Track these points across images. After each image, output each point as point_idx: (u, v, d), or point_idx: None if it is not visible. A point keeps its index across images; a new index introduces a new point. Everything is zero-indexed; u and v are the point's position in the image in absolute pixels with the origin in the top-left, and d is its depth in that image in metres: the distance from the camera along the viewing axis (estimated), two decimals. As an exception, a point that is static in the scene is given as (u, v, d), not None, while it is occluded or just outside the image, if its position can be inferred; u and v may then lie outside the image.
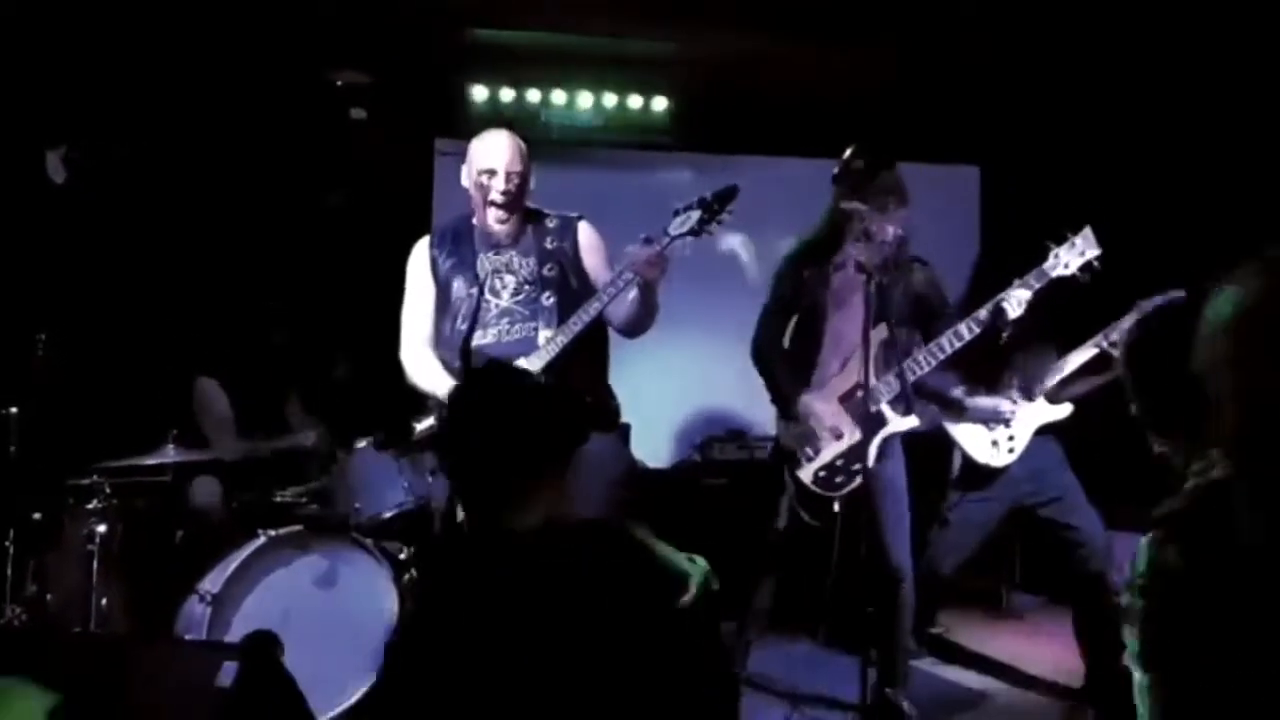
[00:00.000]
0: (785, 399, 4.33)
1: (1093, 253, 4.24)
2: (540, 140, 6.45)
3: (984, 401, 4.71)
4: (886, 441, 4.24)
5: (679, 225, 3.56)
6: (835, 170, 4.02)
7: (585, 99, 6.62)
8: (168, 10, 5.43)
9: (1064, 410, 4.69)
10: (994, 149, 7.04)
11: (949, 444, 4.85)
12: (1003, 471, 4.71)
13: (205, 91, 6.00)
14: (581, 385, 3.76)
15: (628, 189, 6.53)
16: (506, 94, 6.56)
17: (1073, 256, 4.22)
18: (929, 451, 5.08)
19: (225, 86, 6.02)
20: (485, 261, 3.87)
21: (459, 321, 3.83)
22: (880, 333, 4.12)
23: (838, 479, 4.23)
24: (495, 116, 6.46)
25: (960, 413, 4.74)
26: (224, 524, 4.55)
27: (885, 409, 4.22)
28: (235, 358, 5.04)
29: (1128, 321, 4.62)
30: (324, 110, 6.45)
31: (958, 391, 4.75)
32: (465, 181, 3.89)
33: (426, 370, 3.89)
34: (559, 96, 6.61)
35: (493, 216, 3.82)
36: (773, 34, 5.83)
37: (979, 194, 7.33)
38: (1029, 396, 4.69)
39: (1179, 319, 1.80)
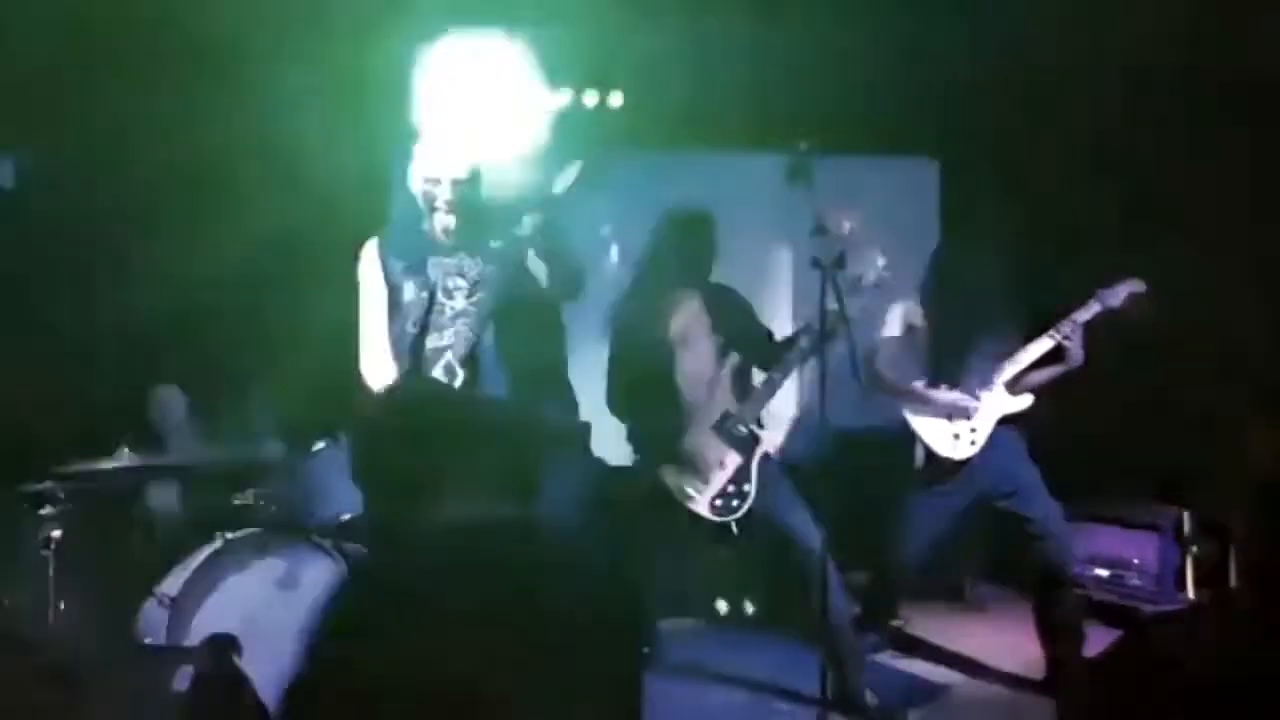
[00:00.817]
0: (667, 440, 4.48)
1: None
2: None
3: (945, 395, 4.73)
4: (764, 457, 4.47)
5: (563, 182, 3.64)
6: (789, 164, 4.01)
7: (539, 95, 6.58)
8: (120, 14, 5.38)
9: (1024, 401, 4.73)
10: (954, 141, 7.06)
11: (911, 437, 4.86)
12: (964, 464, 4.73)
13: (159, 93, 5.93)
14: (532, 372, 3.80)
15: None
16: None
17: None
18: (891, 445, 5.11)
19: (180, 87, 5.96)
20: (437, 266, 3.83)
21: (409, 325, 3.79)
22: (733, 359, 4.48)
23: (733, 503, 4.42)
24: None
25: (922, 406, 4.77)
26: (182, 527, 4.52)
27: (755, 429, 4.46)
28: (197, 364, 5.00)
29: (1085, 313, 4.67)
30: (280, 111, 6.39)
31: (919, 385, 4.78)
32: (411, 187, 3.83)
33: (384, 375, 3.84)
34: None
35: (439, 225, 3.78)
36: (723, 27, 5.82)
37: (939, 186, 7.35)
38: (988, 386, 4.71)
39: None
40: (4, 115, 5.42)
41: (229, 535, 4.16)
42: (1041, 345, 4.71)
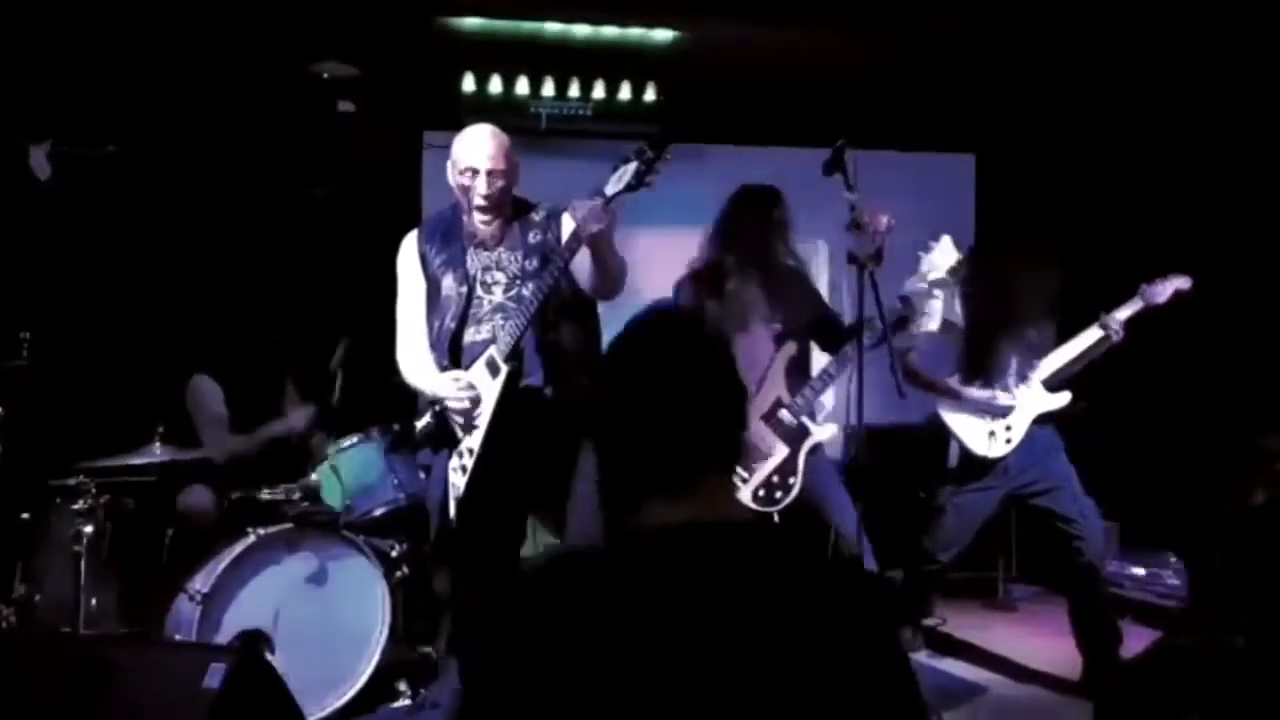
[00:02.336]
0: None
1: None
2: (530, 131, 6.46)
3: (980, 393, 4.68)
4: (811, 450, 4.44)
5: (616, 181, 3.48)
6: (826, 160, 3.97)
7: (574, 89, 6.56)
8: (156, 4, 5.38)
9: (1062, 399, 4.67)
10: (990, 137, 7.01)
11: (946, 435, 4.81)
12: (1000, 462, 4.68)
13: (193, 86, 5.95)
14: (573, 364, 3.73)
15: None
16: (495, 84, 6.50)
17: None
18: (925, 442, 5.07)
19: (213, 80, 5.97)
20: (475, 259, 3.80)
21: (448, 319, 3.77)
22: (789, 349, 4.44)
23: (776, 494, 4.40)
24: (484, 107, 6.42)
25: (957, 402, 4.72)
26: (214, 523, 4.52)
27: (805, 421, 4.44)
28: (231, 355, 4.99)
29: (1128, 309, 4.61)
30: (312, 103, 6.40)
31: (954, 382, 4.73)
32: (450, 180, 3.81)
33: (421, 370, 3.83)
34: (549, 87, 6.54)
35: (477, 219, 3.75)
36: (764, 21, 5.78)
37: (974, 182, 7.30)
38: (1024, 382, 4.65)
39: None
40: (40, 105, 5.43)
41: (261, 531, 4.16)
42: (1084, 340, 4.65)
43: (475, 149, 3.73)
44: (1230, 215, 5.78)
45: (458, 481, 3.67)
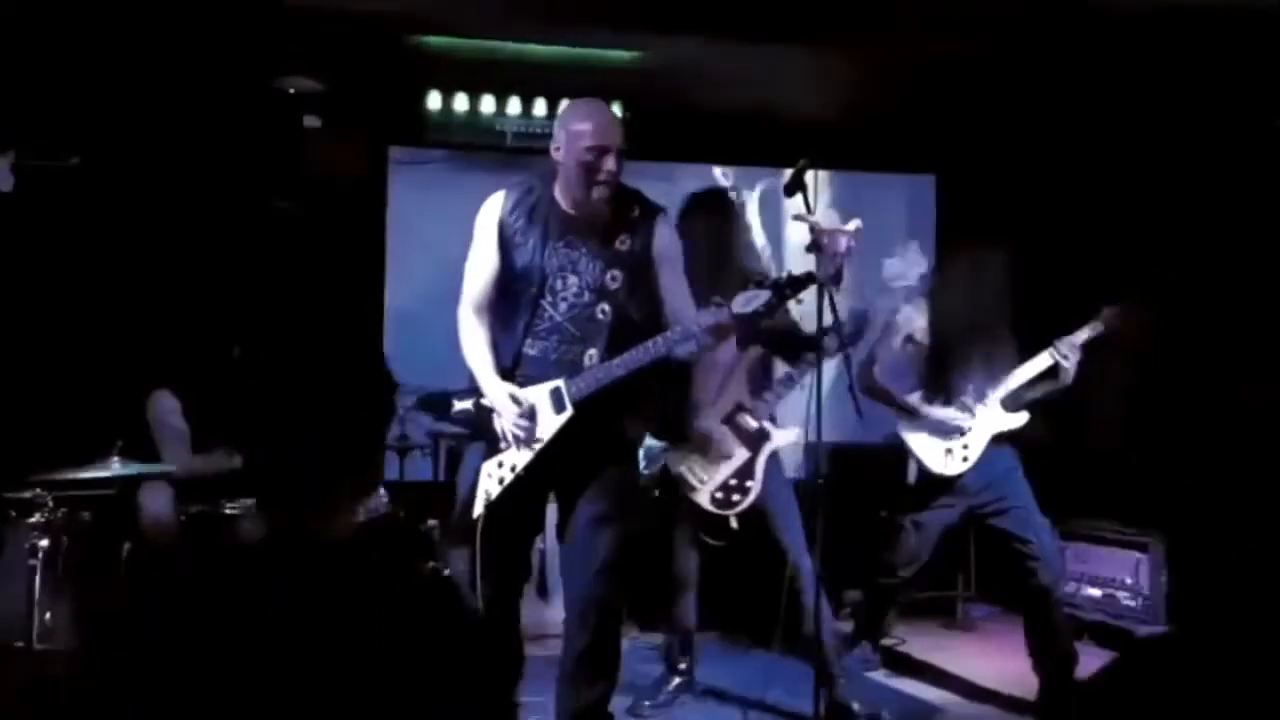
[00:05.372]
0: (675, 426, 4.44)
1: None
2: (495, 148, 6.48)
3: (939, 410, 4.72)
4: (771, 456, 4.49)
5: (744, 304, 3.35)
6: (786, 180, 3.99)
7: (540, 107, 6.58)
8: (120, 17, 5.35)
9: (1019, 418, 4.70)
10: (951, 158, 7.08)
11: (904, 452, 4.85)
12: (957, 480, 4.72)
13: (158, 99, 5.93)
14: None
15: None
16: (461, 102, 6.51)
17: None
18: (886, 461, 5.10)
19: (178, 93, 5.95)
20: (554, 255, 3.54)
21: (517, 322, 3.55)
22: (752, 353, 4.49)
23: (734, 497, 4.45)
24: (449, 124, 6.44)
25: (916, 419, 4.75)
26: (173, 537, 4.48)
27: (766, 425, 4.50)
28: (191, 369, 4.96)
29: (1085, 332, 4.65)
30: (277, 118, 6.39)
31: (913, 399, 4.76)
32: (561, 155, 3.53)
33: (473, 345, 3.61)
34: (514, 105, 6.56)
35: (598, 195, 3.48)
36: (728, 41, 5.82)
37: (935, 202, 7.36)
38: (983, 401, 4.69)
39: None
40: (3, 116, 5.40)
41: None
42: (1039, 363, 4.68)
43: (608, 125, 3.52)
44: (1190, 236, 5.85)
45: (491, 489, 3.52)
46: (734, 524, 4.45)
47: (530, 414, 3.46)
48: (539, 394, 3.48)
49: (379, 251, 6.60)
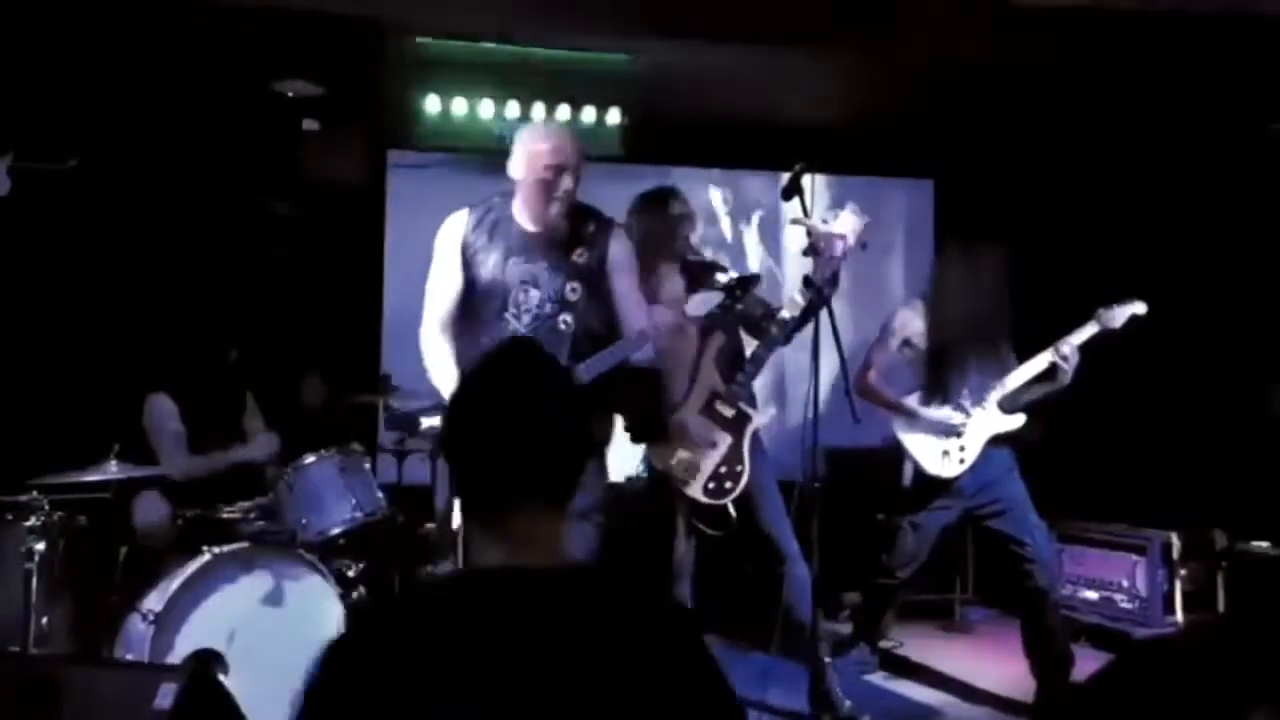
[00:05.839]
0: (653, 424, 4.42)
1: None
2: (494, 152, 6.47)
3: (936, 412, 4.72)
4: (753, 438, 4.47)
5: (697, 305, 3.62)
6: (783, 184, 4.00)
7: (538, 111, 6.58)
8: (118, 21, 5.36)
9: (1016, 420, 4.71)
10: (950, 162, 7.08)
11: (900, 454, 4.85)
12: (954, 482, 4.72)
13: (156, 102, 5.93)
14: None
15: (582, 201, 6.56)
16: (459, 106, 6.51)
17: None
18: (883, 464, 5.10)
19: (177, 97, 5.96)
20: (515, 269, 3.73)
21: (481, 335, 3.70)
22: (717, 339, 4.45)
23: (726, 484, 4.42)
24: (448, 128, 6.44)
25: (912, 421, 4.75)
26: (169, 541, 4.48)
27: (744, 407, 4.47)
28: (188, 373, 4.95)
29: (1083, 333, 4.66)
30: (276, 122, 6.40)
31: (910, 400, 4.77)
32: (520, 173, 3.72)
33: (438, 362, 3.77)
34: (513, 109, 6.56)
35: (555, 211, 3.68)
36: (727, 47, 5.82)
37: (934, 207, 7.37)
38: (980, 403, 4.69)
39: None
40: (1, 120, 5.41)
41: (216, 549, 4.13)
42: (1037, 364, 4.69)
43: (565, 145, 3.70)
44: (1189, 240, 5.86)
45: None
46: (732, 512, 4.42)
47: None
48: None
49: (377, 255, 6.61)
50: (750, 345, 4.57)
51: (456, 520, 3.58)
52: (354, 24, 5.60)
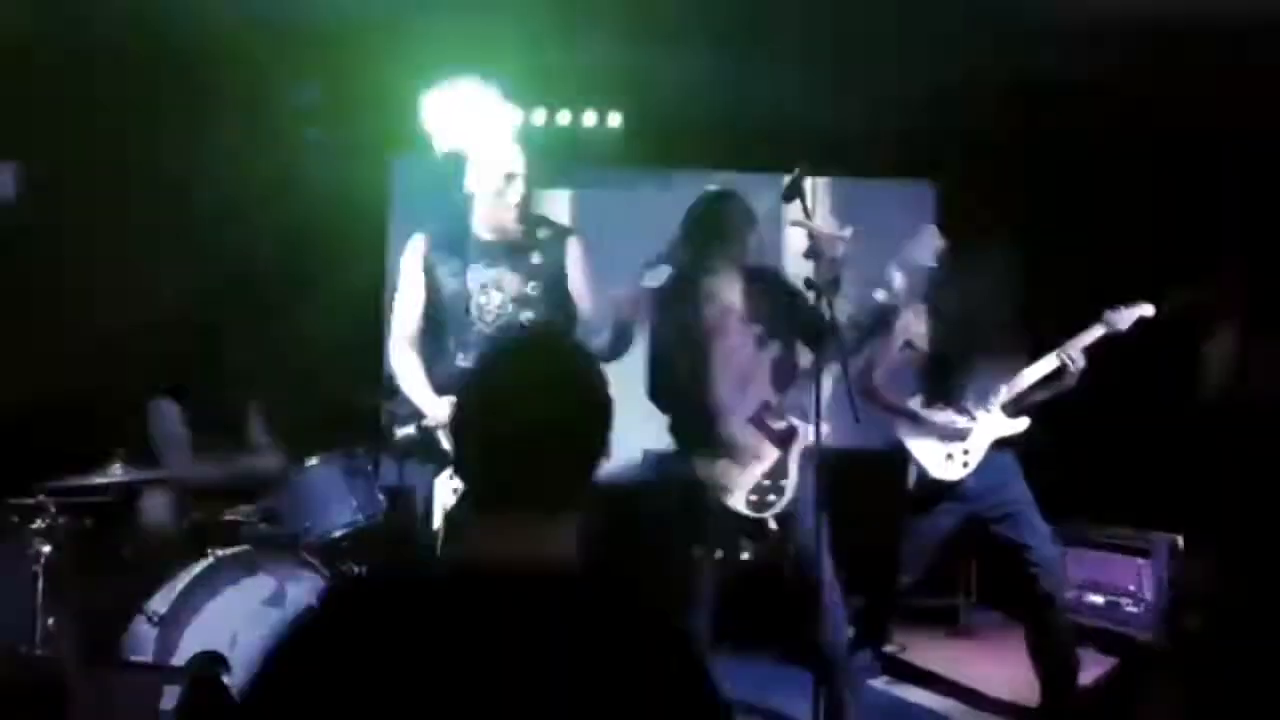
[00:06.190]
0: (703, 432, 4.30)
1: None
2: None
3: (939, 415, 4.72)
4: (802, 453, 4.31)
5: (651, 278, 3.77)
6: (784, 186, 4.00)
7: (539, 116, 6.58)
8: (123, 26, 5.38)
9: (1020, 424, 4.70)
10: (950, 165, 7.08)
11: (904, 457, 4.84)
12: (958, 485, 4.71)
13: (164, 106, 5.95)
14: None
15: (583, 205, 6.59)
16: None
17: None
18: (884, 466, 5.09)
19: (180, 103, 5.97)
20: (476, 276, 3.88)
21: (448, 339, 3.89)
22: (773, 350, 4.30)
23: (769, 498, 4.26)
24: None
25: (916, 424, 4.74)
26: (174, 542, 4.49)
27: (795, 422, 4.30)
28: (192, 377, 4.97)
29: (1089, 336, 4.66)
30: (279, 128, 6.41)
31: (914, 404, 4.76)
32: (474, 186, 3.87)
33: (409, 375, 3.92)
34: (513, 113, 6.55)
35: (509, 218, 3.84)
36: (727, 50, 5.83)
37: (934, 209, 7.37)
38: (985, 407, 4.69)
39: None
40: (5, 125, 5.42)
41: (219, 552, 4.14)
42: (1044, 367, 4.69)
43: (510, 153, 3.86)
44: (1190, 241, 5.86)
45: (448, 501, 3.71)
46: (773, 525, 4.28)
47: None
48: None
49: (379, 261, 6.61)
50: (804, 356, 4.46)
51: (437, 521, 3.68)
52: (358, 30, 5.61)
